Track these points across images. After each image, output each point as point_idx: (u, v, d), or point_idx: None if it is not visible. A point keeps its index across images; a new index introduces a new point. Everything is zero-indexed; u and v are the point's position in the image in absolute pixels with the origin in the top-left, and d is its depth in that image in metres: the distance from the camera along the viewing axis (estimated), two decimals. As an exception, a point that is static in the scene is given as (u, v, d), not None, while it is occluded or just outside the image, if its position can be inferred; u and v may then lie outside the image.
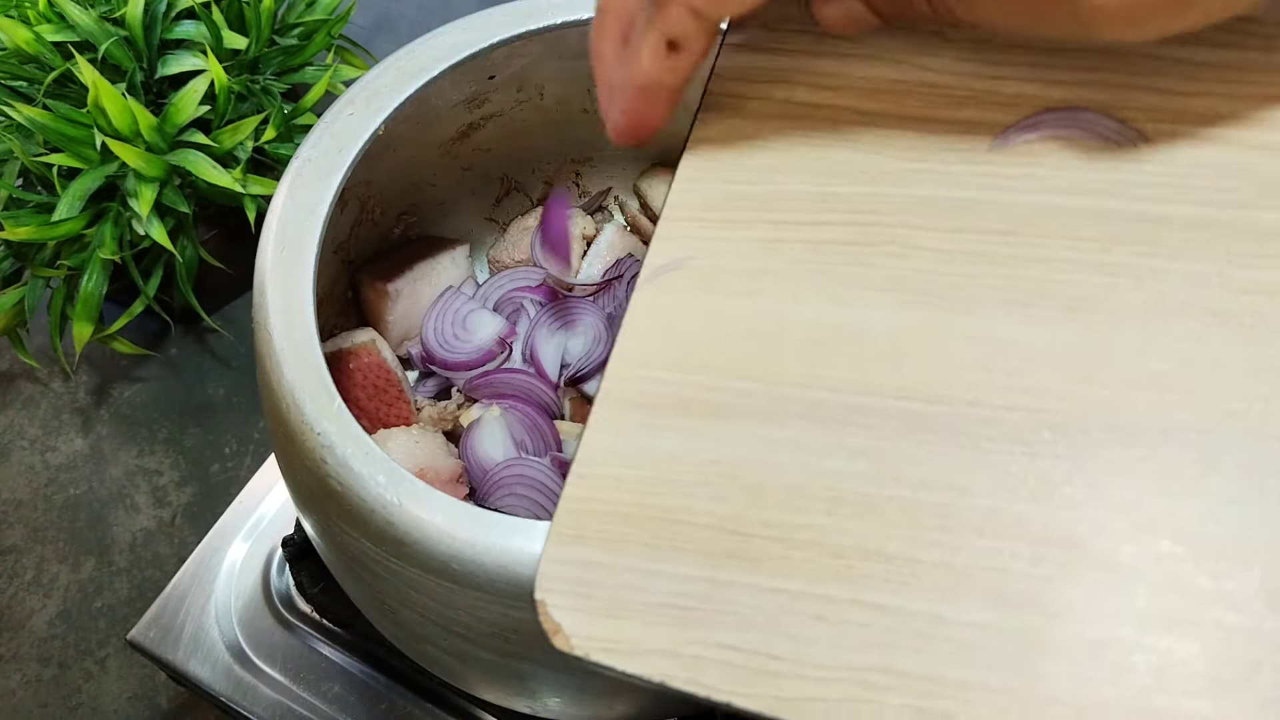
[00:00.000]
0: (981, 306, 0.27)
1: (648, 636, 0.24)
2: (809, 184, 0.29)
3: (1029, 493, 0.24)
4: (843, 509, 0.25)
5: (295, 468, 0.40)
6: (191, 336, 0.79)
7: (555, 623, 0.24)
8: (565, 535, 0.25)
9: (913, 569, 0.24)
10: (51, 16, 0.66)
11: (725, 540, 0.25)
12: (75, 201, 0.64)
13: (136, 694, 0.66)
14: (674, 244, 0.29)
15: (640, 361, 0.28)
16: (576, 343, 0.55)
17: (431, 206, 0.59)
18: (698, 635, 0.24)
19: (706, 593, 0.24)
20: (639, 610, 0.24)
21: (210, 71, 0.65)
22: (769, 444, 0.26)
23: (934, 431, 0.25)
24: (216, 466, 0.74)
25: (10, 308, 0.68)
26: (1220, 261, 0.26)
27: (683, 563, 0.25)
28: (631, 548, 0.25)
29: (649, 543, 0.25)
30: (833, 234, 0.28)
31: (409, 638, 0.45)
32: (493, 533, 0.35)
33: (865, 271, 0.28)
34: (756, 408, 0.26)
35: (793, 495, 0.25)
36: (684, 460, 0.26)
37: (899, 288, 0.27)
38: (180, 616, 0.59)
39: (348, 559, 0.41)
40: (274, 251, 0.42)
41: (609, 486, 0.26)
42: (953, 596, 0.23)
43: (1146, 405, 0.24)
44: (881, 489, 0.25)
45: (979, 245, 0.27)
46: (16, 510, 0.72)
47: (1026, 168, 0.28)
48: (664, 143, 0.60)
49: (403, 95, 0.46)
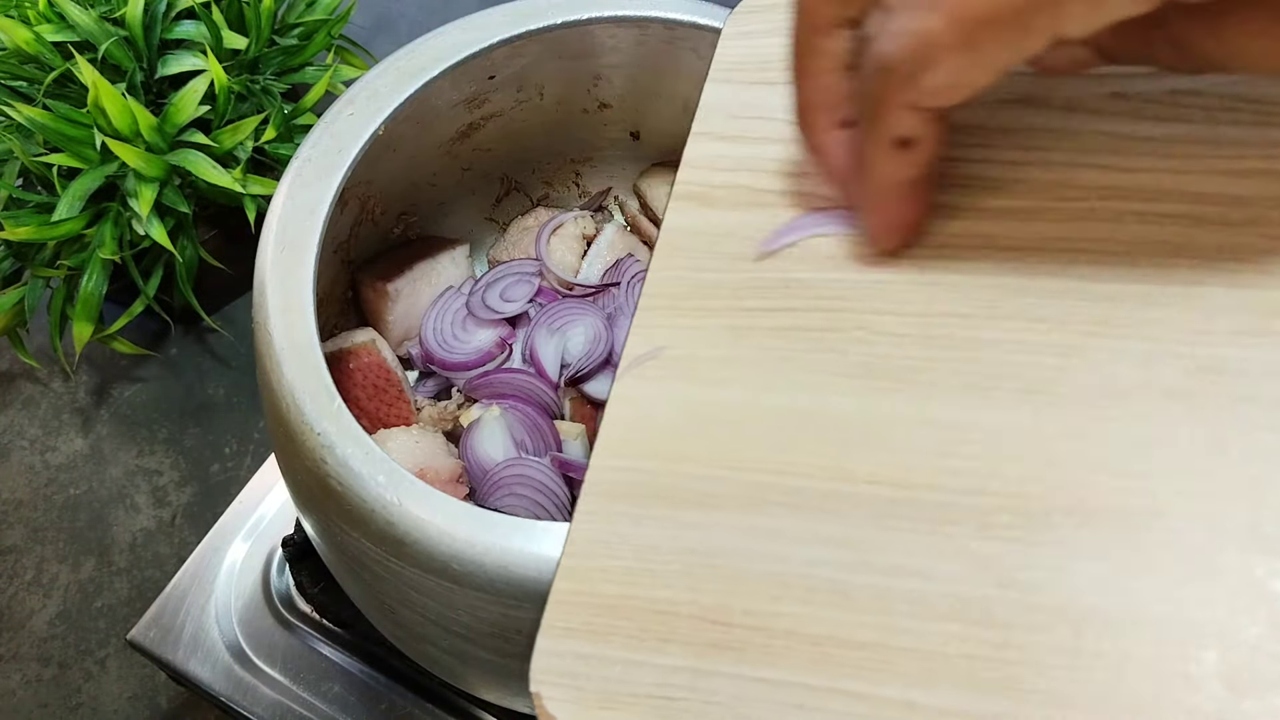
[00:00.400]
0: (942, 391, 0.27)
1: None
2: (773, 272, 0.30)
3: (993, 577, 0.24)
4: (818, 597, 0.25)
5: (295, 468, 0.40)
6: (191, 336, 0.79)
7: (550, 715, 0.25)
8: (556, 628, 0.26)
9: (885, 656, 0.24)
10: (51, 16, 0.66)
11: (708, 630, 0.25)
12: (75, 201, 0.64)
13: (136, 694, 0.66)
14: (650, 333, 0.30)
15: (622, 451, 0.28)
16: (576, 343, 0.55)
17: (431, 206, 0.59)
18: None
19: (691, 683, 0.25)
20: (627, 701, 0.25)
21: (210, 71, 0.65)
22: (744, 532, 0.26)
23: (901, 518, 0.25)
24: (216, 466, 0.74)
25: (10, 308, 0.68)
26: (1171, 341, 0.26)
27: (667, 654, 0.25)
28: (619, 639, 0.25)
29: (635, 634, 0.25)
30: (798, 320, 0.29)
31: (409, 638, 0.45)
32: (493, 533, 0.35)
33: (831, 358, 0.28)
34: (731, 496, 0.27)
35: (769, 583, 0.25)
36: (664, 550, 0.26)
37: (865, 373, 0.28)
38: (180, 616, 0.59)
39: (348, 559, 0.41)
40: (274, 251, 0.42)
41: (596, 578, 0.26)
42: (925, 683, 0.23)
43: (1106, 490, 0.25)
44: (854, 576, 0.25)
45: (939, 329, 0.28)
46: (16, 510, 0.72)
47: (984, 249, 0.29)
48: (664, 143, 0.60)
49: (403, 95, 0.46)
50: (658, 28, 0.50)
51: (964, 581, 0.24)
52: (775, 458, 0.27)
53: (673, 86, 0.55)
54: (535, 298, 0.57)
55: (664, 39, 0.51)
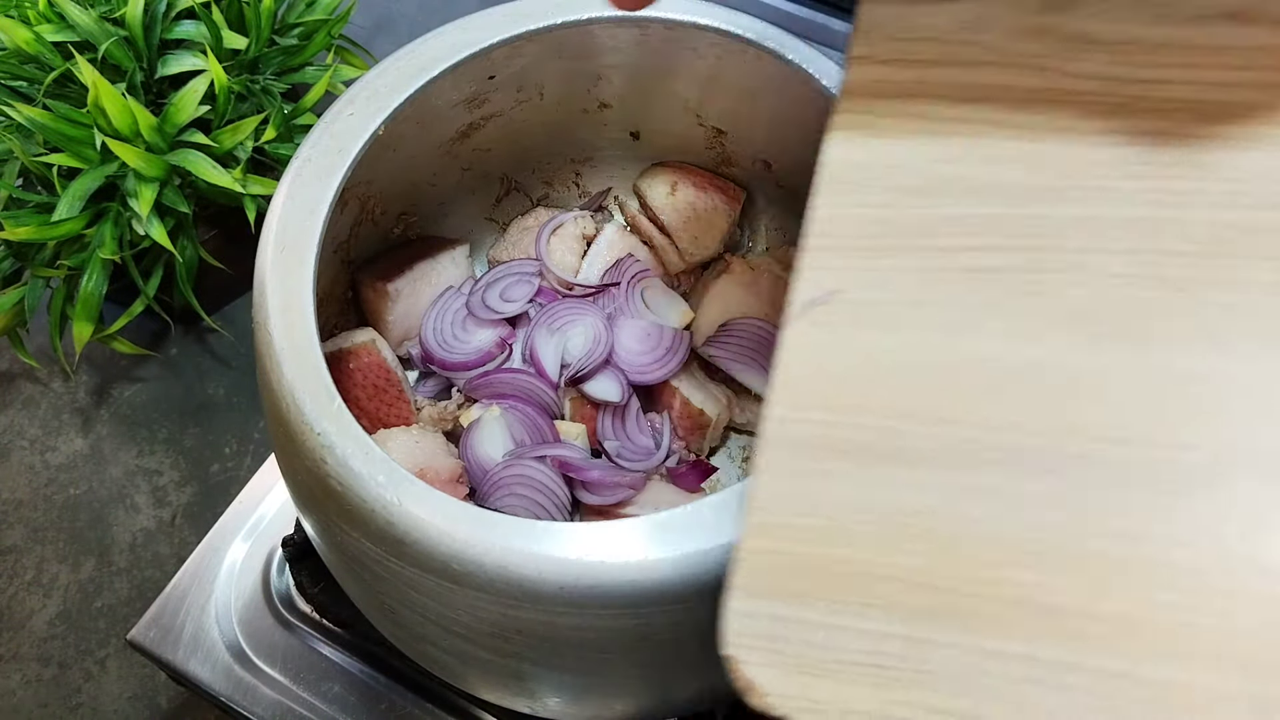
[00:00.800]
0: (1166, 339, 0.24)
1: (849, 696, 0.23)
2: (963, 207, 0.27)
3: (1246, 549, 0.22)
4: (1046, 563, 0.23)
5: (295, 468, 0.40)
6: (191, 336, 0.79)
7: (748, 679, 0.23)
8: (749, 588, 0.24)
9: (1135, 628, 0.22)
10: (51, 16, 0.66)
11: (917, 595, 0.23)
12: (75, 201, 0.64)
13: (136, 694, 0.66)
14: (821, 275, 0.27)
15: (802, 403, 0.26)
16: (576, 343, 0.55)
17: (431, 206, 0.59)
18: (903, 696, 0.23)
19: (903, 651, 0.23)
20: (832, 668, 0.23)
21: (210, 71, 0.65)
22: (955, 491, 0.24)
23: (1136, 479, 0.23)
24: (216, 466, 0.74)
25: (10, 308, 0.68)
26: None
27: (871, 618, 0.23)
28: (818, 601, 0.24)
29: (835, 597, 0.24)
30: (998, 260, 0.26)
31: (409, 638, 0.45)
32: (492, 533, 0.35)
33: (1040, 302, 0.26)
34: (933, 451, 0.25)
35: (987, 547, 0.23)
36: (860, 509, 0.25)
37: (1076, 318, 0.25)
38: (180, 616, 0.59)
39: (348, 559, 0.41)
40: (274, 251, 0.42)
41: (786, 536, 0.25)
42: (1189, 661, 0.21)
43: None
44: (1084, 543, 0.23)
45: (1158, 270, 0.25)
46: (16, 510, 0.72)
47: (1197, 181, 0.26)
48: (664, 142, 0.60)
49: (403, 95, 0.46)
50: (658, 28, 0.50)
51: (1208, 546, 0.22)
52: (983, 411, 0.25)
53: (673, 86, 0.55)
54: (535, 298, 0.57)
55: (664, 39, 0.51)
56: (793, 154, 0.55)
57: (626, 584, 0.35)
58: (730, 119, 0.56)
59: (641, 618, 0.36)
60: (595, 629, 0.36)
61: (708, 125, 0.57)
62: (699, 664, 0.39)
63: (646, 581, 0.34)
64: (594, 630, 0.37)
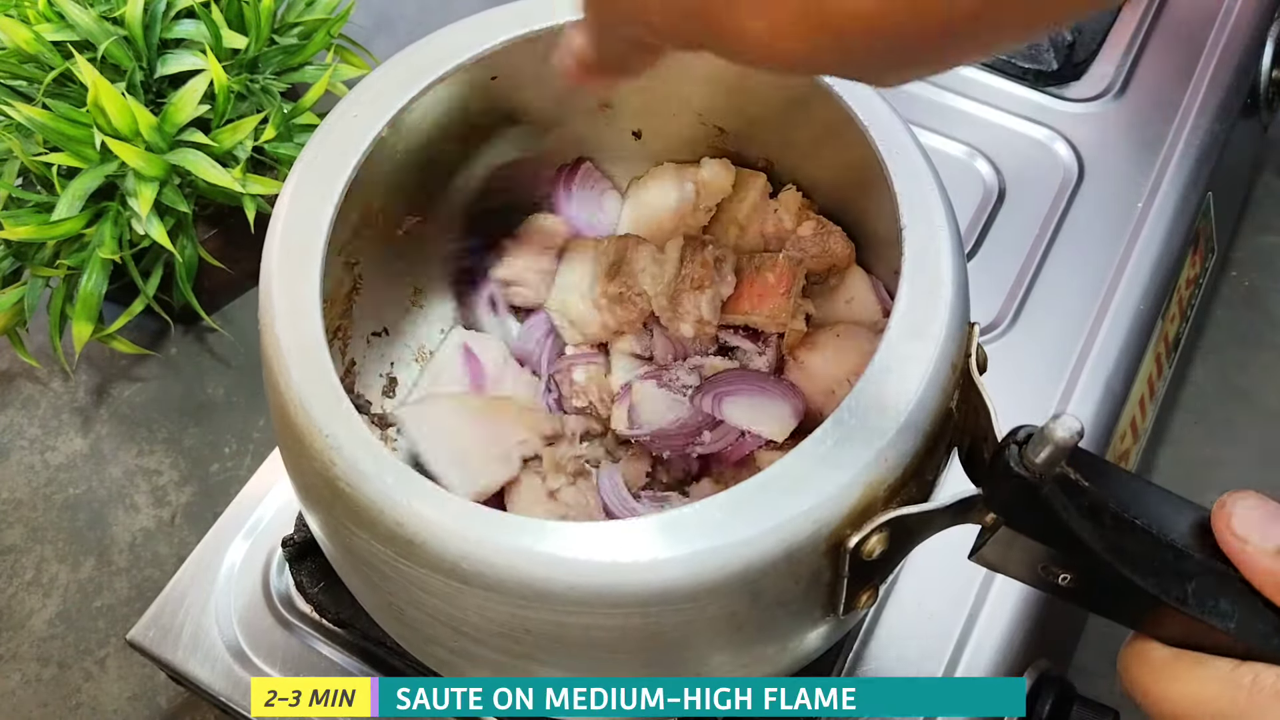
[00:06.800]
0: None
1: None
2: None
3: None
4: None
5: (303, 469, 0.40)
6: (191, 336, 0.79)
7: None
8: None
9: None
10: (51, 16, 0.66)
11: None
12: (75, 201, 0.64)
13: (136, 694, 0.66)
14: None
15: None
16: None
17: (435, 208, 0.58)
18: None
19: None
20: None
21: (210, 71, 0.65)
22: None
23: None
24: (216, 466, 0.74)
25: (10, 307, 0.68)
26: None
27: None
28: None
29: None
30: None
31: (417, 639, 0.45)
32: (502, 532, 0.36)
33: None
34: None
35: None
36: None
37: None
38: (180, 616, 0.59)
39: (355, 559, 0.41)
40: (279, 255, 0.42)
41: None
42: None
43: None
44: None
45: None
46: (16, 510, 0.72)
47: None
48: (666, 142, 0.60)
49: (406, 97, 0.46)
50: (660, 29, 0.50)
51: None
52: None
53: (674, 86, 0.55)
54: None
55: (666, 40, 0.51)
56: (794, 152, 0.55)
57: (636, 583, 0.35)
58: (731, 118, 0.56)
59: (651, 617, 0.36)
60: (605, 628, 0.37)
61: (709, 124, 0.57)
62: (709, 663, 0.39)
63: (656, 580, 0.35)
64: (604, 630, 0.37)
